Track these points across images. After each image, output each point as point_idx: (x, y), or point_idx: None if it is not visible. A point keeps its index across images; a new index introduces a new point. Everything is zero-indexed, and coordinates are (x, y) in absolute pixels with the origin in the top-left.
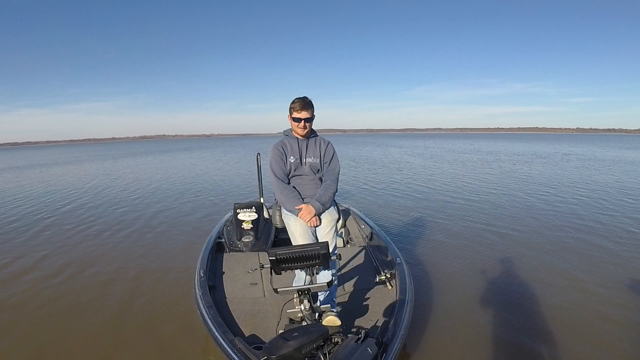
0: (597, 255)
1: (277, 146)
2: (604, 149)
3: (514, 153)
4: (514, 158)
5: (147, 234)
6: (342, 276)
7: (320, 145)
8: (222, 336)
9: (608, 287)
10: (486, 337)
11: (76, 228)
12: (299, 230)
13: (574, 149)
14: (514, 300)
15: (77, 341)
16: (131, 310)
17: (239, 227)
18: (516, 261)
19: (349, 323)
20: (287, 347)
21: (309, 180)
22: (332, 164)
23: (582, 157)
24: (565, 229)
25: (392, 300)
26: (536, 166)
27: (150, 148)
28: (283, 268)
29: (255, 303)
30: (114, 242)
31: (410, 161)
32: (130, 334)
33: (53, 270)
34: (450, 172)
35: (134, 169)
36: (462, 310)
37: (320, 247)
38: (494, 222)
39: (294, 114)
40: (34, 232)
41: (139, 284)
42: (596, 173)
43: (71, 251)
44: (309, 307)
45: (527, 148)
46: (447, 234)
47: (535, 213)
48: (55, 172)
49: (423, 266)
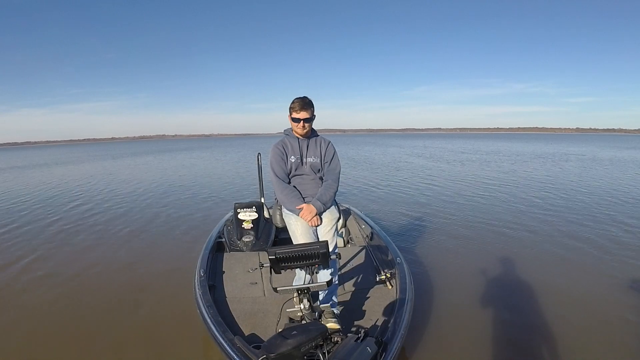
0: (599, 255)
1: (278, 146)
2: (603, 148)
3: (513, 153)
4: (514, 158)
5: (148, 233)
6: (343, 276)
7: (320, 145)
8: (221, 335)
9: (610, 286)
10: (486, 336)
11: (77, 227)
12: (299, 230)
13: (574, 149)
14: (514, 300)
15: (78, 338)
16: (131, 308)
17: (239, 227)
18: (516, 261)
19: (348, 322)
20: (286, 346)
21: (309, 180)
22: (333, 164)
23: (583, 157)
24: (567, 229)
25: (392, 300)
26: (536, 166)
27: (150, 148)
28: (282, 267)
29: (255, 302)
30: (114, 242)
31: (410, 161)
32: (130, 332)
33: (53, 269)
34: (450, 171)
35: (134, 169)
36: (462, 310)
37: (320, 246)
38: (494, 221)
39: (293, 114)
40: (35, 231)
41: (139, 283)
42: (597, 172)
43: (71, 250)
44: (308, 306)
45: (526, 148)
46: (447, 234)
47: (535, 212)
48: (56, 172)
49: (423, 266)
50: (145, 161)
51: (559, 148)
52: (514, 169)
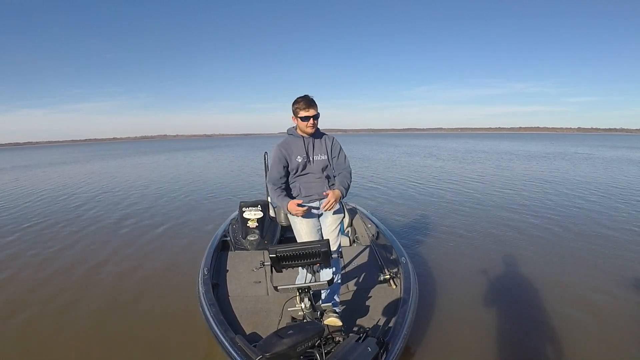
0: (602, 255)
1: (281, 147)
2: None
3: (513, 152)
4: (515, 157)
5: (154, 232)
6: (347, 275)
7: (325, 142)
8: (222, 334)
9: (614, 285)
10: (491, 337)
11: (83, 225)
12: (304, 229)
13: (575, 149)
14: (519, 302)
15: (81, 335)
16: (135, 306)
17: (245, 226)
18: (522, 261)
19: (351, 322)
20: (281, 345)
21: (315, 178)
22: (341, 157)
23: (587, 155)
24: (571, 228)
25: (395, 299)
26: (540, 165)
27: (153, 148)
28: (284, 266)
29: (258, 301)
30: (120, 239)
31: (411, 161)
32: (132, 328)
33: (61, 266)
34: (456, 171)
35: (138, 168)
36: (467, 310)
37: (321, 245)
38: (500, 221)
39: (301, 113)
40: (41, 229)
41: (144, 281)
42: (601, 172)
43: (78, 247)
44: (309, 305)
45: (526, 148)
46: (453, 233)
47: (541, 212)
48: (63, 170)
49: (429, 265)
50: (151, 160)
51: (564, 148)
52: (519, 168)
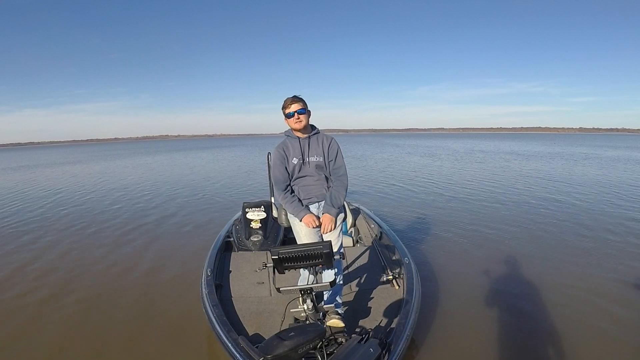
0: (605, 255)
1: (279, 148)
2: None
3: (515, 152)
4: (517, 157)
5: (158, 232)
6: (349, 275)
7: (323, 143)
8: (225, 334)
9: (616, 286)
10: (493, 339)
11: (87, 225)
12: (304, 230)
13: (578, 149)
14: (522, 302)
15: (84, 335)
16: (138, 306)
17: (248, 226)
18: (526, 261)
19: (354, 322)
20: (283, 347)
21: (313, 180)
22: (338, 161)
23: (586, 155)
24: (574, 228)
25: (398, 300)
26: (542, 165)
27: (155, 148)
28: (286, 267)
29: (261, 302)
30: (123, 240)
31: (412, 160)
32: (135, 328)
33: (62, 267)
34: (457, 171)
35: (140, 168)
36: (470, 311)
37: (323, 247)
38: (504, 221)
39: (285, 111)
40: (46, 229)
41: (147, 281)
42: (604, 171)
43: (81, 247)
44: (312, 306)
45: (529, 148)
46: (457, 234)
47: (544, 212)
48: (62, 170)
49: (431, 266)
50: (153, 160)
51: (566, 148)
52: (522, 168)
